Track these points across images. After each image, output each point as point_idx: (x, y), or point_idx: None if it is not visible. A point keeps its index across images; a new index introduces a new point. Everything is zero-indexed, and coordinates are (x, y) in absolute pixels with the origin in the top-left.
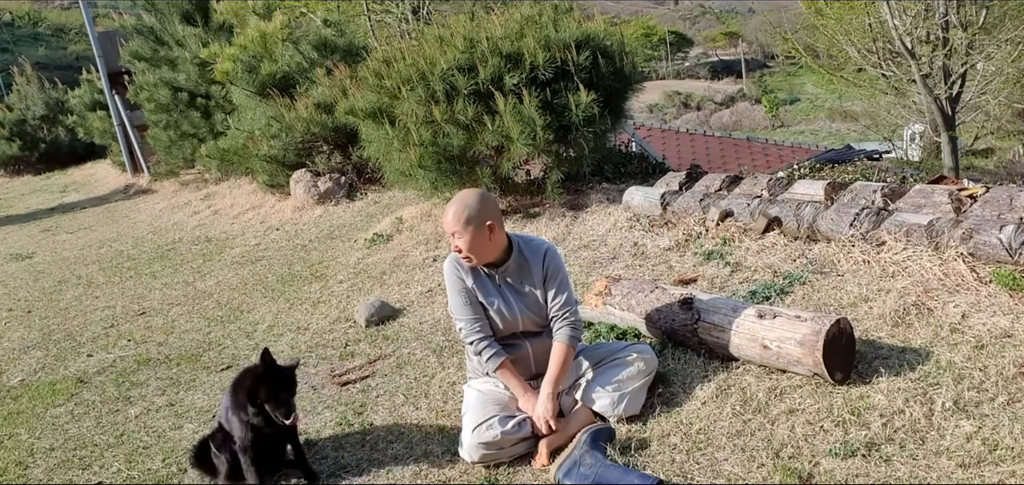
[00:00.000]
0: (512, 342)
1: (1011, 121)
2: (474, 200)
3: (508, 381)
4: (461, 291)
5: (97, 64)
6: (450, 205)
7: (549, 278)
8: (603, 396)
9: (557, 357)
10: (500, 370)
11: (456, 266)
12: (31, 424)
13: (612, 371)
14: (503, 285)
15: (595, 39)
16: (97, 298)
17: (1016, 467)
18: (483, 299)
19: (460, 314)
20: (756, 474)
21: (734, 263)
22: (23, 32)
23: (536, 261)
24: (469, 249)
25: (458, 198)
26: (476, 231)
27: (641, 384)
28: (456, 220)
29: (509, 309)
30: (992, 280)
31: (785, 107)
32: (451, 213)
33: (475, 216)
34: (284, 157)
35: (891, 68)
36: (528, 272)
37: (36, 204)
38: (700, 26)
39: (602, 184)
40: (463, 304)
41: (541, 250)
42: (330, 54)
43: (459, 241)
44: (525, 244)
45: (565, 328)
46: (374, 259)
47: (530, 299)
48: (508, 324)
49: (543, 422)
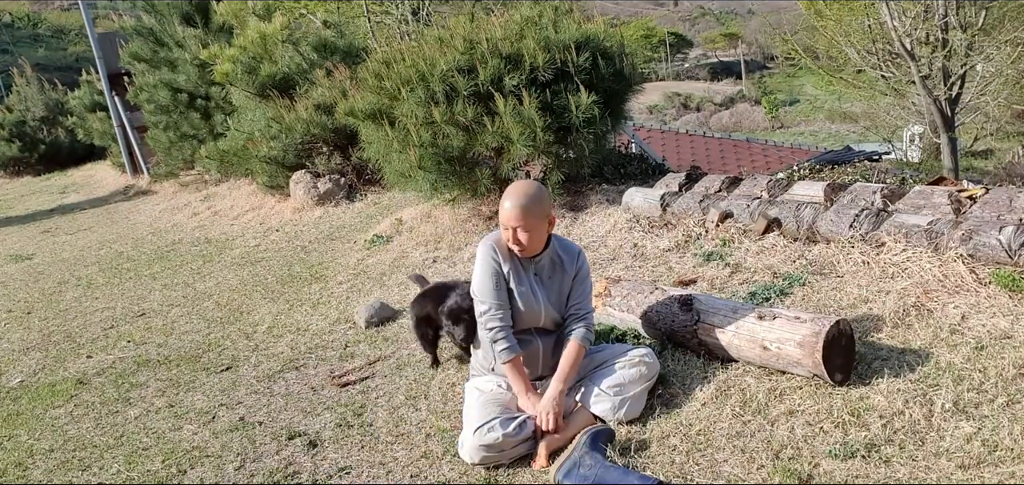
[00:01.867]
0: (525, 337)
1: (1010, 122)
2: (537, 193)
3: (514, 377)
4: (494, 274)
5: (97, 65)
6: (512, 199)
7: (578, 279)
8: (604, 400)
9: (570, 354)
10: (509, 364)
11: (494, 249)
12: (30, 425)
13: (614, 375)
14: (533, 276)
15: (595, 40)
16: (97, 299)
17: (1016, 468)
18: (514, 285)
19: (487, 297)
20: (756, 475)
21: (734, 264)
22: (23, 33)
23: (570, 260)
24: (529, 242)
25: (520, 192)
26: (539, 222)
27: (642, 388)
28: (525, 214)
29: (535, 299)
30: (992, 281)
31: (785, 108)
32: (519, 207)
33: (541, 209)
34: (284, 158)
35: (891, 69)
36: (561, 269)
37: (36, 205)
38: (699, 27)
39: (602, 185)
40: (494, 288)
41: (576, 251)
42: (330, 55)
43: (522, 234)
44: (560, 242)
45: (581, 328)
46: (374, 260)
47: (555, 296)
48: (530, 316)
49: (550, 418)
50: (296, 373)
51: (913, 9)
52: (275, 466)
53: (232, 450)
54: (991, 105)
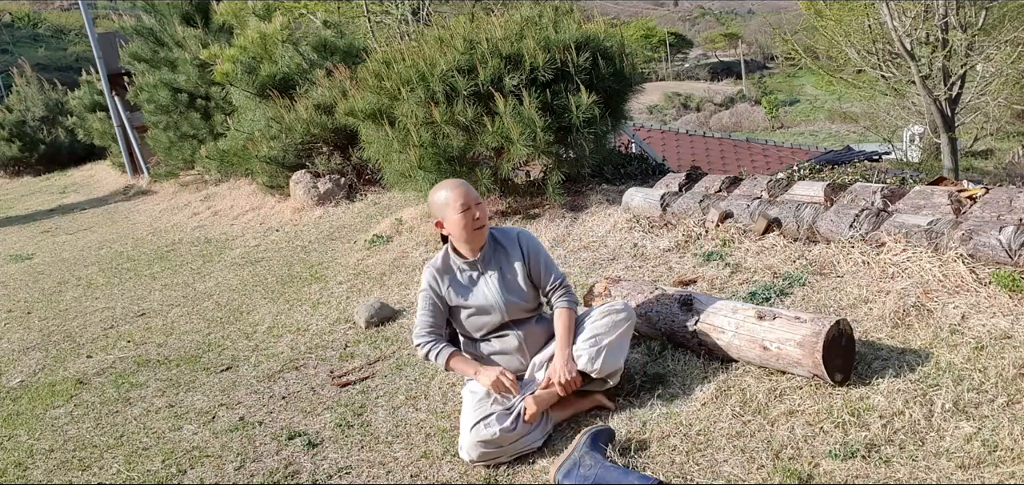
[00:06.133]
0: (502, 333)
1: (1010, 122)
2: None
3: (461, 366)
4: (429, 297)
5: (97, 65)
6: (453, 183)
7: (531, 257)
8: (581, 355)
9: (562, 321)
10: (452, 359)
11: (433, 272)
12: (30, 425)
13: (585, 330)
14: (482, 276)
15: (595, 40)
16: (97, 299)
17: (1016, 468)
18: (457, 302)
19: (419, 317)
20: (756, 475)
21: (734, 264)
22: (23, 33)
23: (511, 244)
24: (486, 214)
25: (453, 181)
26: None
27: (618, 335)
28: (471, 189)
29: (491, 296)
30: (992, 281)
31: (785, 108)
32: (467, 186)
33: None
34: (284, 158)
35: (891, 69)
36: (506, 256)
37: (36, 205)
38: (699, 27)
39: (602, 185)
40: (428, 308)
41: (513, 233)
42: (330, 55)
43: (479, 210)
44: (497, 232)
45: (564, 297)
46: (374, 260)
47: (512, 283)
48: (492, 314)
49: (563, 383)
50: (296, 373)
51: (913, 9)
52: (275, 466)
53: (232, 450)
54: (991, 105)
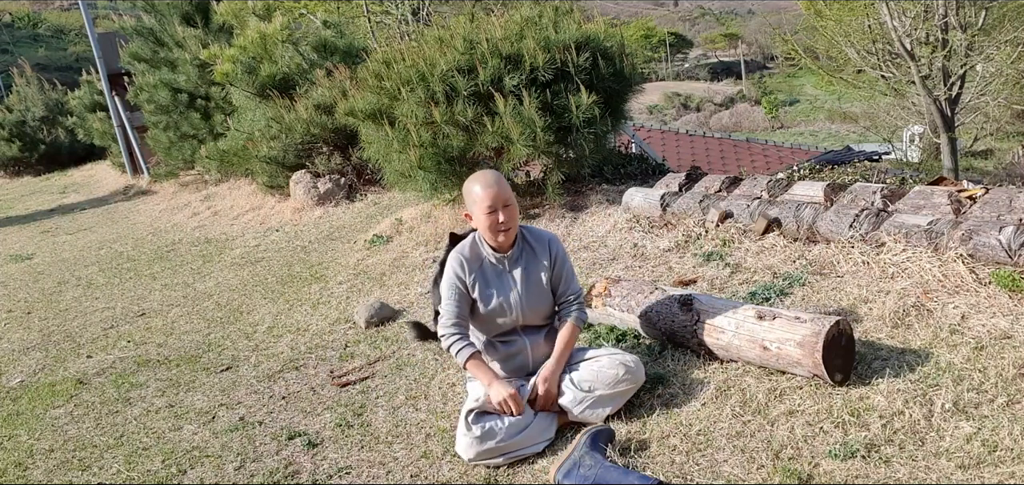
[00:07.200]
0: (510, 339)
1: (1010, 122)
2: (498, 172)
3: (478, 372)
4: (455, 286)
5: (97, 65)
6: (487, 180)
7: (557, 264)
8: (569, 391)
9: (565, 333)
10: (471, 361)
11: (461, 263)
12: (30, 425)
13: (589, 369)
14: (507, 273)
15: (595, 40)
16: (97, 299)
17: (1016, 469)
18: (480, 294)
19: (446, 305)
20: (756, 475)
21: (734, 264)
22: (23, 33)
23: (542, 247)
24: (513, 221)
25: (487, 174)
26: (514, 197)
27: (613, 394)
28: (505, 188)
29: (513, 297)
30: (991, 281)
31: (785, 108)
32: (497, 184)
33: (509, 185)
34: (284, 158)
35: (890, 70)
36: (534, 258)
37: (36, 205)
38: (699, 27)
39: (602, 185)
40: (455, 298)
41: (546, 237)
42: (330, 55)
43: (505, 214)
44: (529, 232)
45: (575, 311)
46: (374, 260)
47: (535, 287)
48: (509, 316)
49: (540, 396)
50: (296, 373)
51: (913, 9)
52: (275, 466)
53: (232, 450)
54: (991, 105)
